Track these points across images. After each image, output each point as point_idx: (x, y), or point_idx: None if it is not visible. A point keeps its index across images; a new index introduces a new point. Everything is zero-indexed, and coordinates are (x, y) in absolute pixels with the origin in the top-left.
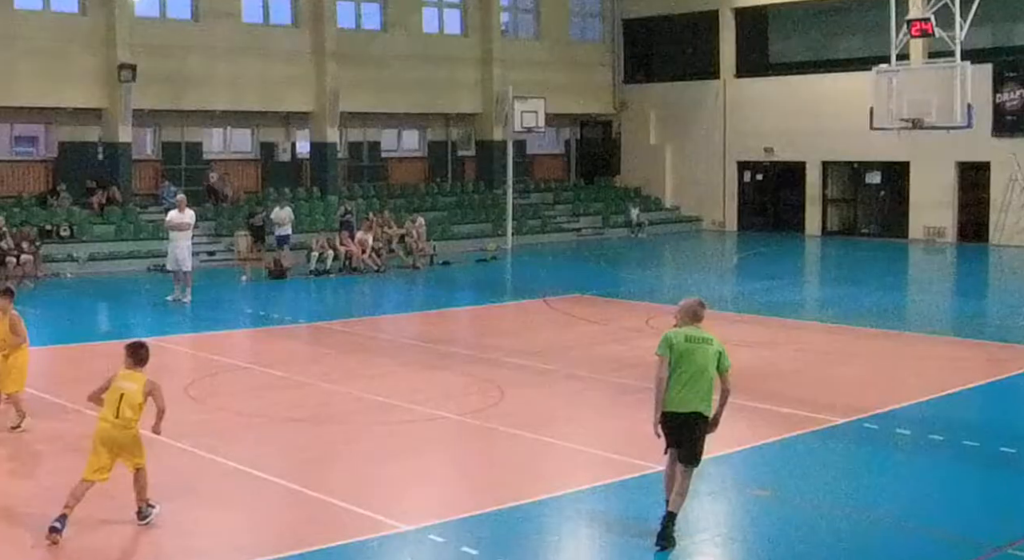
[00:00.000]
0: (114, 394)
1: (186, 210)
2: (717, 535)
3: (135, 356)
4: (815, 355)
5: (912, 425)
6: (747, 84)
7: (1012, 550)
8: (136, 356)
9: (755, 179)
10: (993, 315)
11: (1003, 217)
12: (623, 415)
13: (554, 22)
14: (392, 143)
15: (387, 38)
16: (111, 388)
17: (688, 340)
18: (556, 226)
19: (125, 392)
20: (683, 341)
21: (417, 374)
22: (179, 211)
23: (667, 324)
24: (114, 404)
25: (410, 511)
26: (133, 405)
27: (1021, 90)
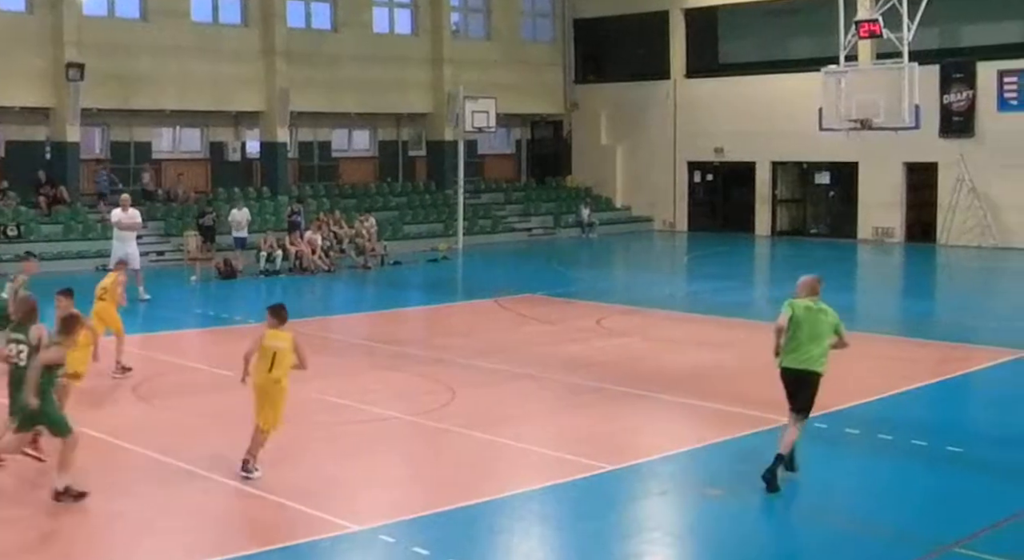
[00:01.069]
0: (267, 352)
1: (130, 209)
2: (668, 534)
3: (278, 316)
4: (765, 355)
5: (861, 424)
6: (697, 84)
7: (960, 548)
8: (279, 316)
9: (705, 179)
10: (941, 315)
11: (950, 217)
12: (575, 415)
13: (505, 22)
14: (343, 143)
15: (337, 38)
16: (262, 347)
17: (807, 310)
18: (507, 226)
19: (277, 350)
20: (802, 310)
21: (368, 374)
22: (123, 210)
23: (618, 324)
24: (267, 361)
25: (361, 511)
26: (284, 362)
27: (968, 91)
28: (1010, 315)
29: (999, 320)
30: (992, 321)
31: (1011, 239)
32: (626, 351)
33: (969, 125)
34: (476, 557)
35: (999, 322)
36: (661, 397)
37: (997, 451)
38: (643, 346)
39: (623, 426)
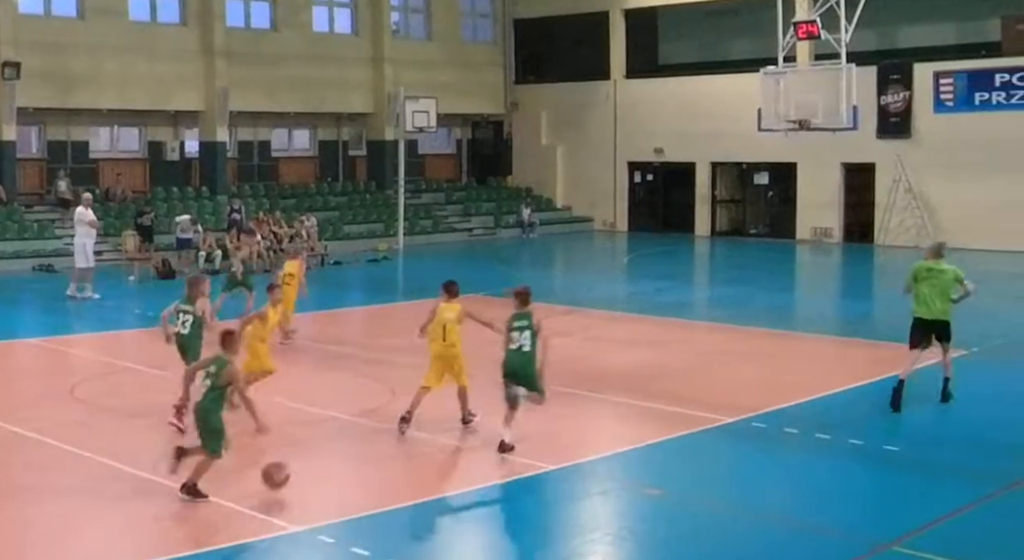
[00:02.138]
0: (439, 325)
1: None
2: (608, 534)
3: (449, 291)
4: (705, 355)
5: (799, 424)
6: (637, 85)
7: (898, 547)
8: (450, 291)
9: (645, 180)
10: (878, 315)
11: (888, 218)
12: (517, 415)
13: (445, 22)
14: (283, 142)
15: (277, 37)
16: (436, 319)
17: (928, 270)
18: (448, 226)
19: (447, 322)
20: (924, 270)
21: (309, 375)
22: (85, 208)
23: (559, 324)
24: (440, 331)
25: (300, 512)
26: (454, 331)
27: (905, 92)
28: None
29: None
30: None
31: (947, 239)
32: (567, 351)
33: (906, 126)
34: (416, 557)
35: None
36: (602, 397)
37: (933, 450)
38: (584, 346)
39: (564, 426)
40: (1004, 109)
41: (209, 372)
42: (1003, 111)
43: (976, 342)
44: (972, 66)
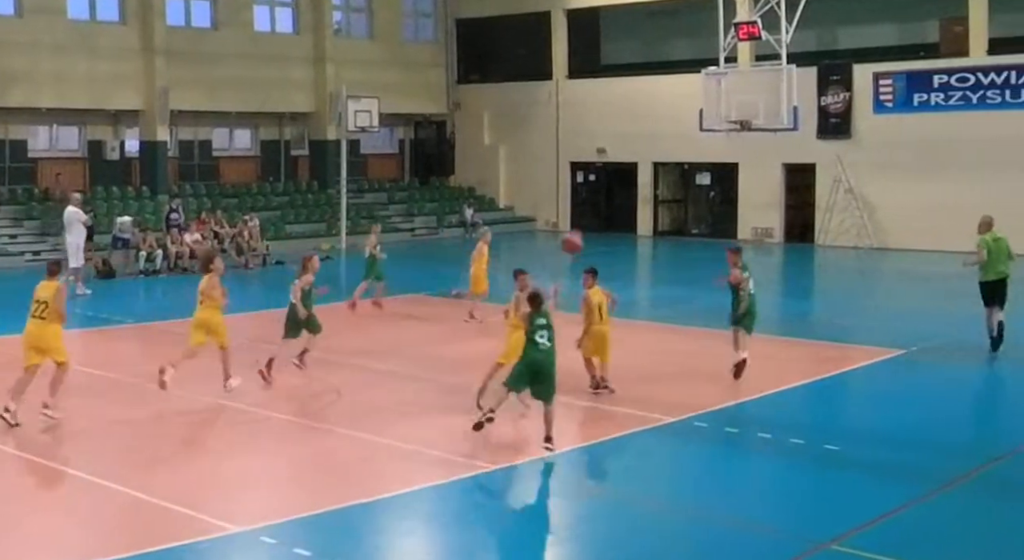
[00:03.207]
0: (595, 307)
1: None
2: (551, 533)
3: (595, 275)
4: (647, 354)
5: (741, 423)
6: (580, 85)
7: (837, 546)
8: (595, 275)
9: (588, 180)
10: (818, 315)
11: (828, 218)
12: (459, 415)
13: (387, 22)
14: (224, 142)
15: (218, 36)
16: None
17: (995, 240)
18: (391, 226)
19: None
20: (992, 241)
21: (250, 375)
22: (76, 208)
23: (502, 324)
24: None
25: (242, 513)
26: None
27: (844, 93)
28: (886, 315)
29: (875, 320)
30: (868, 321)
31: (887, 240)
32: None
33: (846, 126)
34: (358, 558)
35: (875, 322)
36: None
37: (873, 449)
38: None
39: (508, 426)
40: (942, 110)
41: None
42: (941, 112)
43: (914, 342)
44: (911, 67)
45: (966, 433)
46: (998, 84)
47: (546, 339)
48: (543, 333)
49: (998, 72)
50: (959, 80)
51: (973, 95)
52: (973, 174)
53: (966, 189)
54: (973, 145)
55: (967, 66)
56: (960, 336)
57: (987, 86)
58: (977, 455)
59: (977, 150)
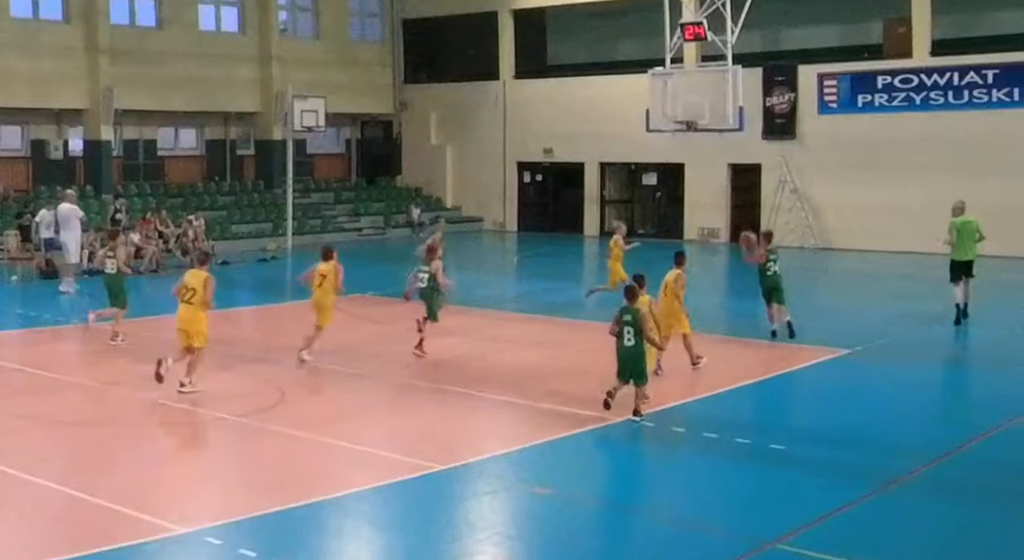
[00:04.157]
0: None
1: None
2: (497, 534)
3: (631, 295)
4: (595, 354)
5: (687, 423)
6: (526, 85)
7: (782, 545)
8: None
9: (535, 180)
10: (764, 315)
11: (774, 218)
12: (406, 415)
13: (333, 21)
14: (169, 141)
15: (162, 35)
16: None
17: (964, 223)
18: (337, 226)
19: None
20: (961, 223)
21: (196, 375)
22: (73, 204)
23: (449, 324)
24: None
25: (187, 514)
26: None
27: (790, 94)
28: (831, 315)
29: (820, 320)
30: (814, 321)
31: (831, 240)
32: (457, 351)
33: (791, 127)
34: (304, 558)
35: (820, 322)
36: (492, 397)
37: (818, 448)
38: (474, 346)
39: (454, 426)
40: (886, 111)
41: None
42: (885, 112)
43: (858, 342)
44: (855, 68)
45: (910, 432)
46: (941, 85)
47: (630, 335)
48: (627, 329)
49: (941, 73)
50: (902, 81)
51: (916, 96)
52: (916, 174)
53: (910, 189)
54: (916, 146)
55: (910, 67)
56: (905, 336)
57: (930, 87)
58: (921, 454)
59: (920, 151)
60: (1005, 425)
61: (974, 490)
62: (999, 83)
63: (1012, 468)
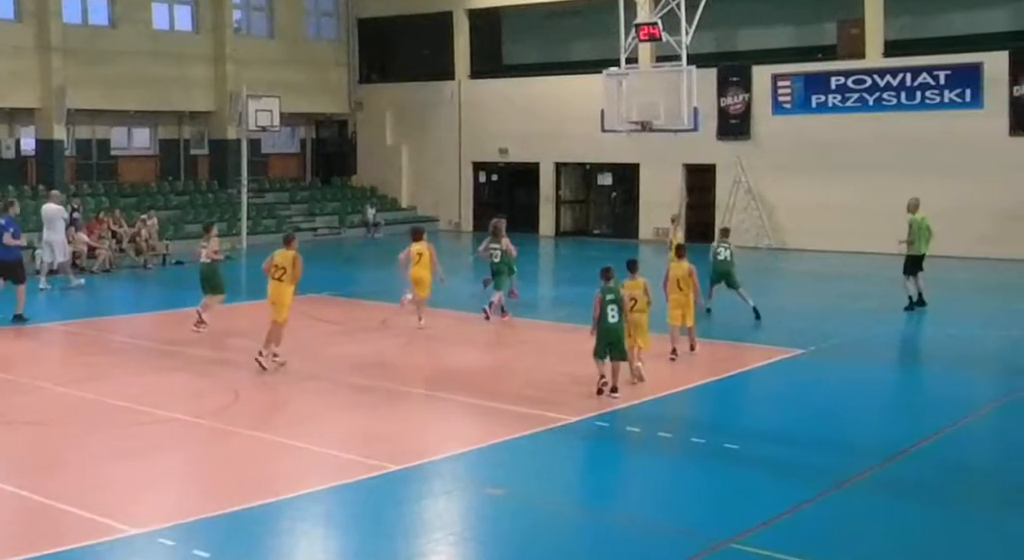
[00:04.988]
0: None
1: None
2: (451, 534)
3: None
4: (549, 354)
5: (642, 423)
6: (482, 85)
7: (735, 544)
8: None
9: (490, 180)
10: (719, 315)
11: (728, 219)
12: (360, 416)
13: (288, 21)
14: (122, 141)
15: (116, 34)
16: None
17: (922, 219)
18: (292, 226)
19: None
20: (920, 219)
21: (149, 376)
22: (58, 204)
23: (404, 324)
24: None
25: (140, 514)
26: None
27: (744, 94)
28: (784, 315)
29: (774, 320)
30: (767, 321)
31: (786, 240)
32: (411, 351)
33: (745, 128)
34: (258, 559)
35: (774, 321)
36: (446, 397)
37: (772, 448)
38: (429, 346)
39: (408, 426)
40: (839, 111)
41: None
42: (838, 113)
43: (811, 342)
44: (809, 69)
45: (862, 432)
46: (893, 86)
47: (613, 313)
48: (610, 307)
49: (893, 74)
50: (855, 82)
51: (869, 97)
52: (870, 175)
53: (863, 190)
54: (870, 146)
55: (863, 68)
56: (858, 335)
57: (883, 88)
58: (874, 454)
59: (873, 151)
60: (956, 424)
61: (926, 489)
62: (951, 84)
63: (963, 467)
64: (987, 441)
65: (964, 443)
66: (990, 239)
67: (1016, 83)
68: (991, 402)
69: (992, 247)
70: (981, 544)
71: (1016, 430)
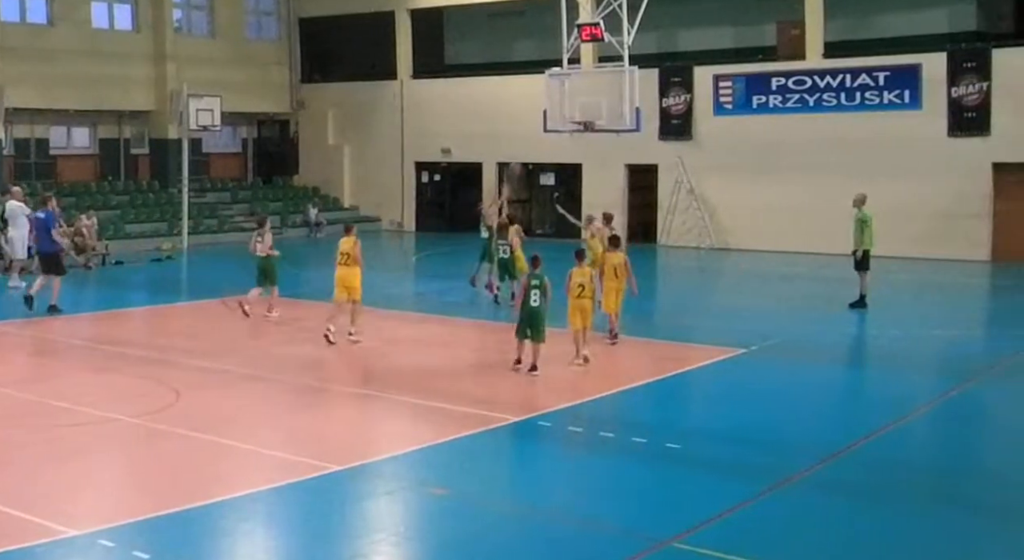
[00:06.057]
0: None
1: None
2: (394, 535)
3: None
4: (491, 354)
5: (584, 423)
6: (424, 85)
7: (676, 543)
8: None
9: (433, 180)
10: (660, 314)
11: (670, 219)
12: (303, 416)
13: (229, 20)
14: (61, 140)
15: (54, 32)
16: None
17: (866, 215)
18: (234, 225)
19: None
20: (865, 216)
21: (89, 376)
22: (21, 202)
23: (346, 324)
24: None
25: (79, 516)
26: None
27: (685, 95)
28: (725, 315)
29: (716, 319)
30: (709, 320)
31: (727, 240)
32: (353, 351)
33: (687, 128)
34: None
35: (716, 321)
36: (389, 397)
37: (713, 447)
38: (371, 346)
39: (351, 427)
40: (780, 112)
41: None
42: (779, 114)
43: (753, 341)
44: (750, 70)
45: (802, 431)
46: (833, 87)
47: (536, 297)
48: (535, 292)
49: (833, 75)
50: (796, 83)
51: (809, 98)
52: (810, 175)
53: (803, 190)
54: (810, 147)
55: (803, 69)
56: (798, 335)
57: (823, 89)
58: (813, 453)
59: (814, 152)
60: (894, 424)
61: (864, 488)
62: (890, 85)
63: (900, 466)
64: (923, 440)
65: (901, 442)
66: (928, 239)
67: (954, 84)
68: (928, 401)
69: (930, 247)
70: (916, 540)
71: (951, 429)
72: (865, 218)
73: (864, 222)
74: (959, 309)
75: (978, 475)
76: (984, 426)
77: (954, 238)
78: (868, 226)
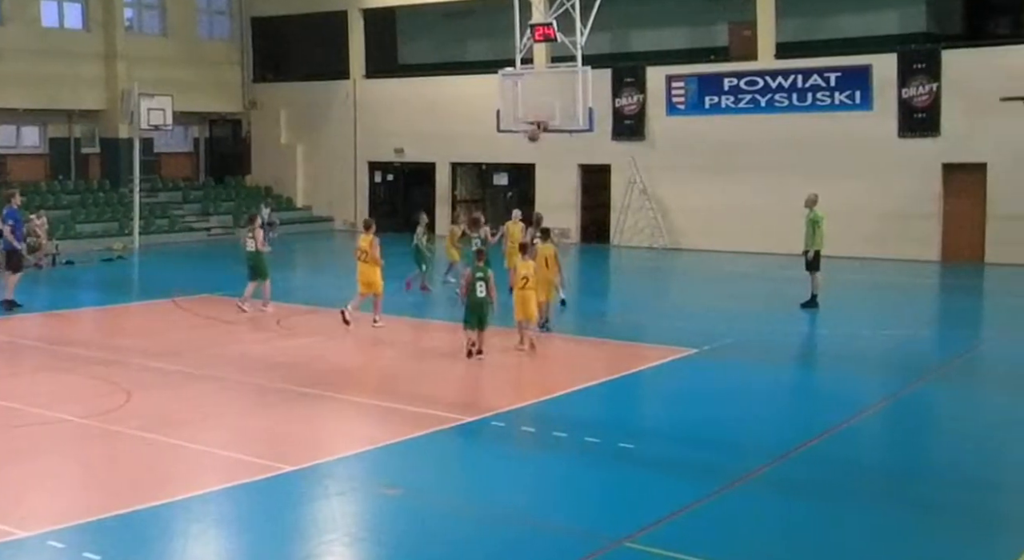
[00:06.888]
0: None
1: None
2: (346, 535)
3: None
4: (443, 354)
5: (537, 423)
6: (377, 85)
7: (629, 543)
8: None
9: (386, 180)
10: (612, 314)
11: (623, 219)
12: (255, 416)
13: (181, 19)
14: (10, 139)
15: (3, 31)
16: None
17: (818, 216)
18: (186, 225)
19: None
20: (817, 216)
21: (38, 377)
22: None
23: (299, 324)
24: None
25: (28, 517)
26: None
27: (638, 95)
28: (678, 315)
29: (668, 319)
30: (661, 320)
31: (680, 240)
32: (307, 351)
33: (640, 128)
34: None
35: (668, 321)
36: (342, 397)
37: (666, 447)
38: (324, 346)
39: (304, 427)
40: (732, 112)
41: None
42: (731, 114)
43: (705, 341)
44: (702, 70)
45: (754, 431)
46: (785, 87)
47: (481, 289)
48: (481, 284)
49: (785, 76)
50: (748, 83)
51: (761, 98)
52: (762, 175)
53: (756, 190)
54: (762, 147)
55: (755, 70)
56: (751, 335)
57: (775, 89)
58: (765, 452)
59: (766, 152)
60: (846, 423)
61: (816, 487)
62: (841, 85)
63: (851, 465)
64: (874, 439)
65: (852, 441)
66: (879, 239)
67: (904, 85)
68: (879, 401)
69: (881, 247)
70: (866, 539)
71: (901, 428)
72: (817, 218)
73: (816, 222)
74: (909, 309)
75: (928, 474)
76: (933, 425)
77: (904, 238)
78: (819, 226)
